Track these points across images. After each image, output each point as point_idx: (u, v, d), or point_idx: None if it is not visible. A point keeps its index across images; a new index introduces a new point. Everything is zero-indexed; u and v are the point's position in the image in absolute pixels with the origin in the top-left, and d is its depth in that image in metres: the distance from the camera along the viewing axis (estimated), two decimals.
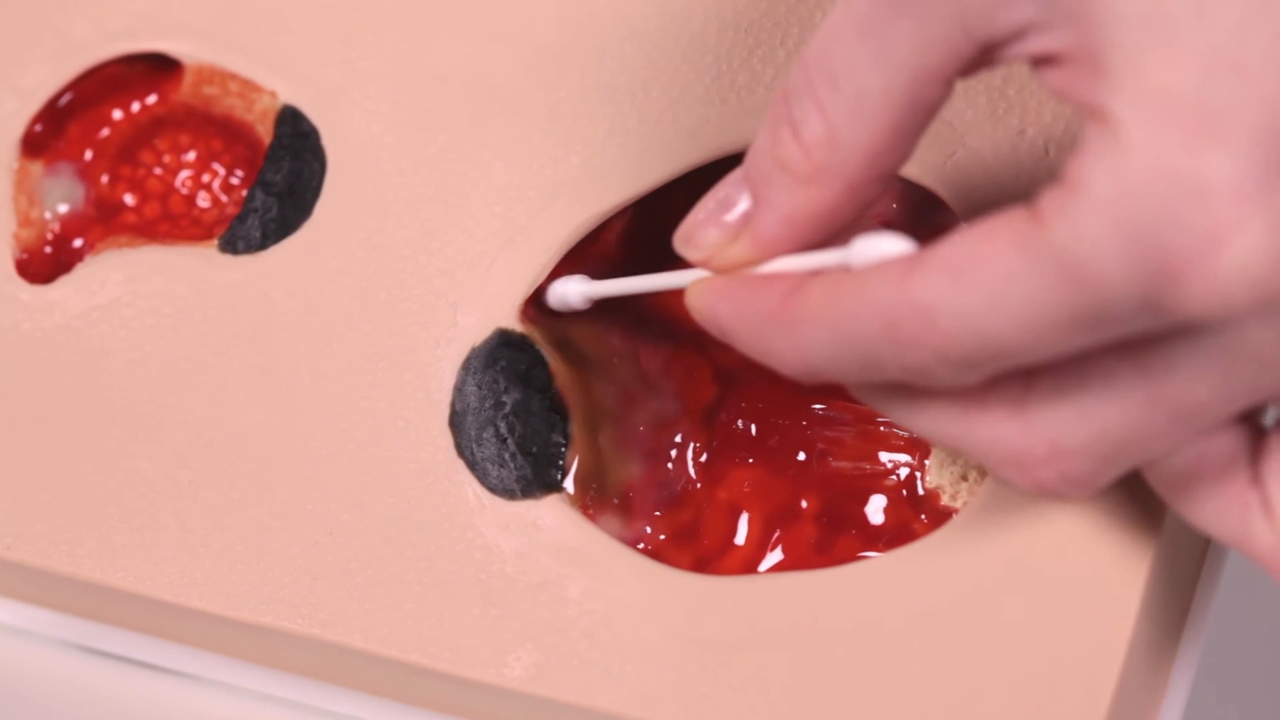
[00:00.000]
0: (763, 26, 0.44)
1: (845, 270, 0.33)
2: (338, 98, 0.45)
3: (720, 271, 0.36)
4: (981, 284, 0.31)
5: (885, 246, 0.33)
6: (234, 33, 0.46)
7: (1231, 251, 0.29)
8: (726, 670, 0.40)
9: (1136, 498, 0.39)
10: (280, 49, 0.46)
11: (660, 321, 0.44)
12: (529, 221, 0.43)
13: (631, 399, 0.44)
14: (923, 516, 0.42)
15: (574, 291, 0.42)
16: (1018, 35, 0.32)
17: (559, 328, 0.44)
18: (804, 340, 0.34)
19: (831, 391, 0.43)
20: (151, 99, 0.47)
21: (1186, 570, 0.41)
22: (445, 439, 0.42)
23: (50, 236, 0.46)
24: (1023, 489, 0.34)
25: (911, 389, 0.34)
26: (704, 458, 0.43)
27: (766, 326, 0.35)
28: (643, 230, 0.44)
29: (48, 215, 0.47)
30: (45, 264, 0.46)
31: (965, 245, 0.31)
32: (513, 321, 0.43)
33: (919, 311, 0.32)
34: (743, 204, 0.36)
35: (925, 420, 0.34)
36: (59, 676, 0.45)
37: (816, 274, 0.34)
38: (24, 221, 0.46)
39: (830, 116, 0.33)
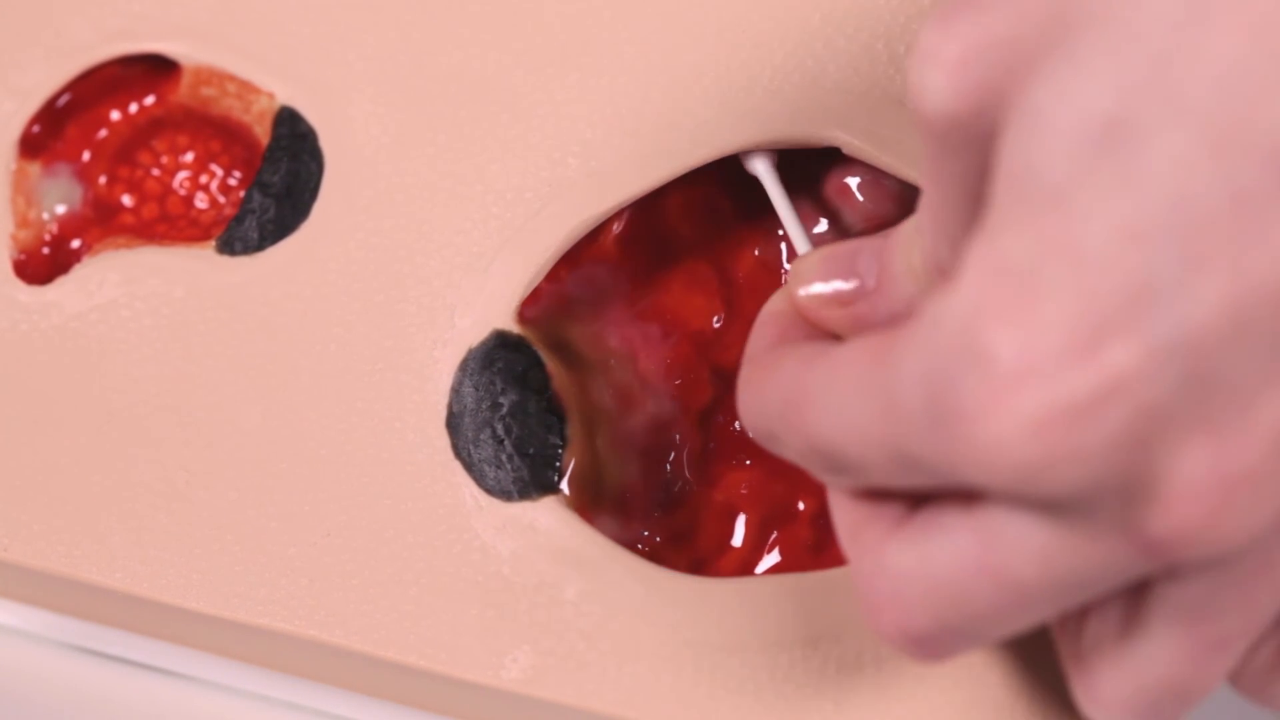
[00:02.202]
0: (761, 28, 0.44)
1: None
2: (336, 99, 0.45)
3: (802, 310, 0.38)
4: (838, 391, 0.32)
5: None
6: (232, 34, 0.46)
7: (997, 421, 0.29)
8: (723, 672, 0.40)
9: None
10: (278, 50, 0.46)
11: (658, 323, 0.44)
12: (526, 223, 0.43)
13: (629, 400, 0.44)
14: None
15: (760, 166, 0.43)
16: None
17: (556, 329, 0.44)
18: (746, 389, 0.36)
19: None
20: (149, 100, 0.47)
21: None
22: (442, 440, 0.42)
23: (48, 237, 0.46)
24: (872, 632, 0.34)
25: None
26: (701, 459, 0.43)
27: (760, 347, 0.37)
28: (641, 232, 0.44)
29: (45, 216, 0.47)
30: (43, 265, 0.46)
31: (848, 349, 0.32)
32: (510, 323, 0.43)
33: (801, 400, 0.33)
34: (870, 279, 0.37)
35: (832, 503, 0.35)
36: (56, 677, 0.45)
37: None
38: (22, 222, 0.46)
39: (940, 228, 0.34)
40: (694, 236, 0.45)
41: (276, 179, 0.45)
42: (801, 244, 0.40)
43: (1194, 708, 0.33)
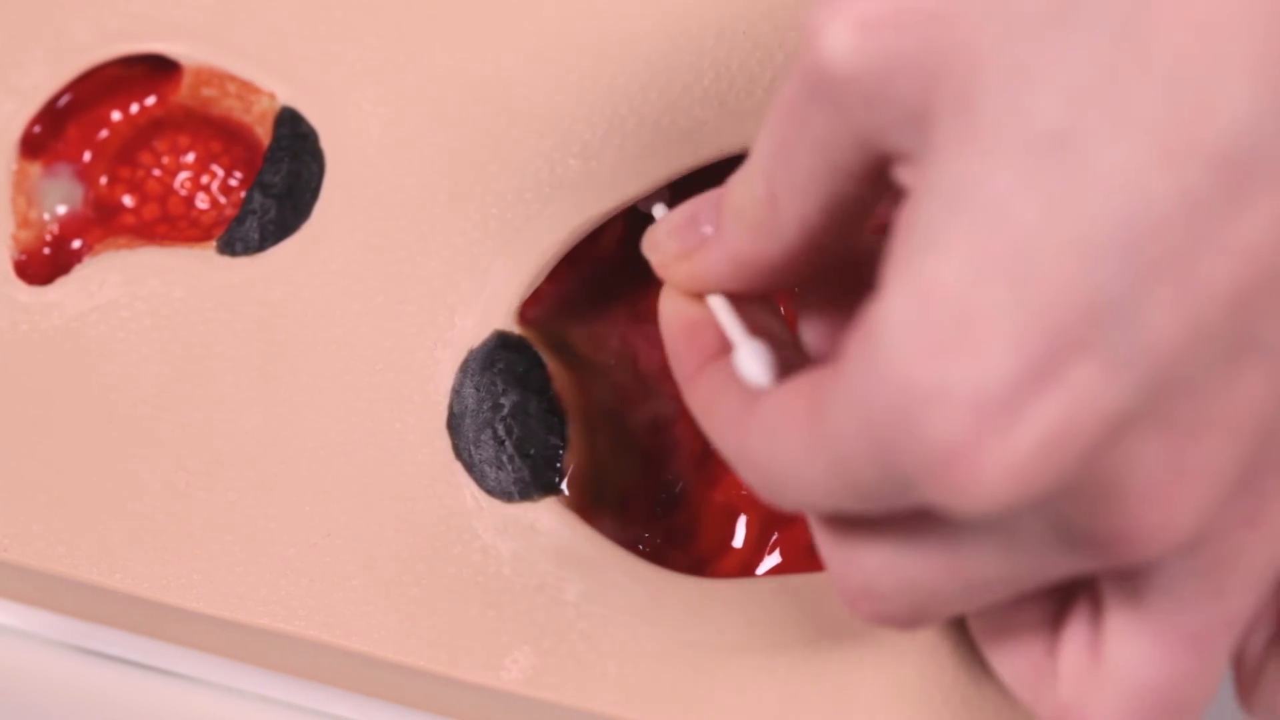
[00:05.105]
0: (761, 29, 0.44)
1: (730, 369, 0.35)
2: (336, 99, 0.45)
3: (669, 282, 0.37)
4: (780, 456, 0.31)
5: (745, 370, 0.34)
6: (233, 34, 0.46)
7: (971, 467, 0.28)
8: (724, 673, 0.40)
9: None
10: (279, 51, 0.46)
11: (658, 323, 0.44)
12: (526, 224, 0.43)
13: (629, 401, 0.44)
14: None
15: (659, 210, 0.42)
16: (899, 160, 0.31)
17: (557, 330, 0.44)
18: (694, 407, 0.36)
19: None
20: (150, 100, 0.47)
21: None
22: (443, 441, 0.42)
23: (49, 238, 0.46)
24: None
25: None
26: (701, 460, 0.43)
27: (684, 378, 0.36)
28: (641, 233, 0.44)
29: (46, 216, 0.47)
30: (44, 265, 0.46)
31: (777, 408, 0.32)
32: (511, 324, 0.43)
33: (745, 462, 0.33)
34: (708, 227, 0.36)
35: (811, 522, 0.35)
36: (57, 678, 0.45)
37: (715, 359, 0.35)
38: (22, 223, 0.46)
39: (774, 179, 0.33)
40: None
41: (277, 179, 0.45)
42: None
43: (1199, 715, 0.32)
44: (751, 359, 0.34)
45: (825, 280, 0.36)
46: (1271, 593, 0.34)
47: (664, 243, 0.37)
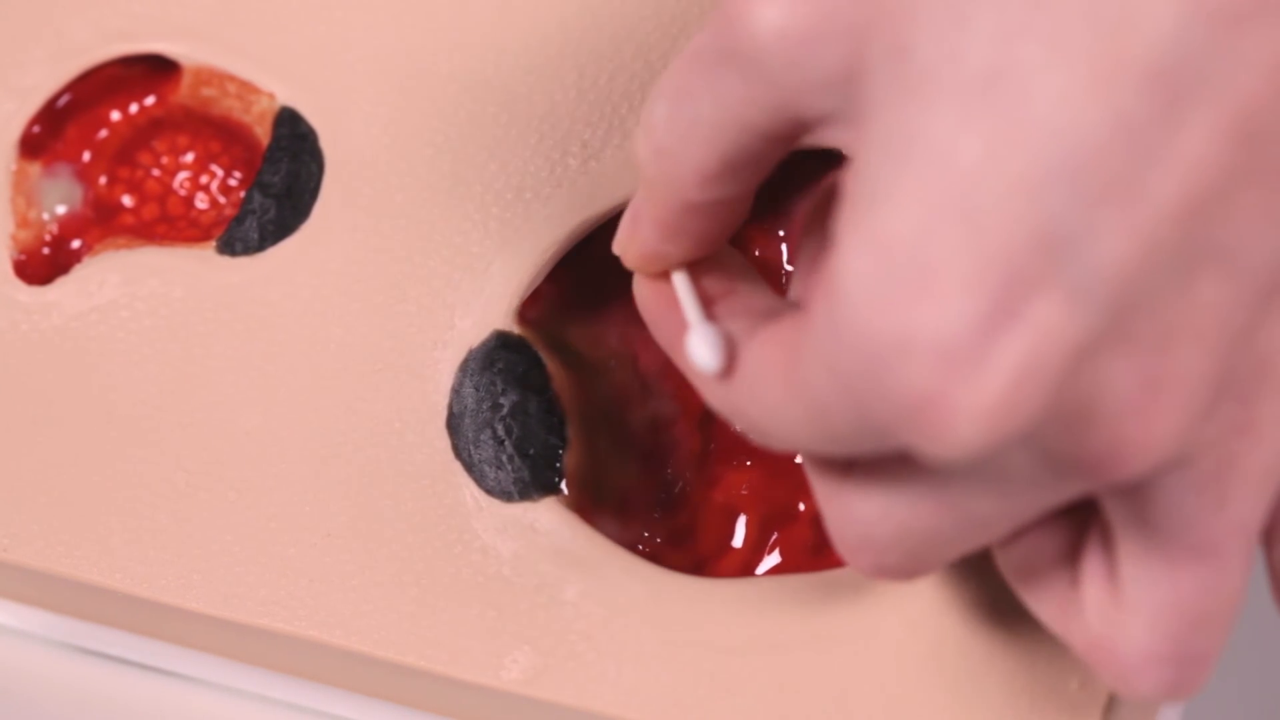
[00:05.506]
0: None
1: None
2: (336, 99, 0.45)
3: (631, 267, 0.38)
4: (765, 405, 0.32)
5: (694, 356, 0.34)
6: (232, 34, 0.46)
7: (944, 413, 0.28)
8: (724, 673, 0.40)
9: None
10: (278, 51, 0.46)
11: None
12: (526, 223, 0.43)
13: (629, 401, 0.44)
14: None
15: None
16: (825, 122, 0.32)
17: (556, 330, 0.44)
18: (681, 368, 0.36)
19: None
20: (150, 100, 0.47)
21: None
22: (442, 441, 0.42)
23: (48, 238, 0.46)
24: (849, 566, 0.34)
25: None
26: (701, 460, 0.43)
27: (667, 345, 0.37)
28: None
29: (45, 216, 0.47)
30: (43, 265, 0.46)
31: (757, 360, 0.32)
32: (510, 323, 0.43)
33: (733, 402, 0.33)
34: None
35: (805, 463, 0.35)
36: (56, 678, 0.45)
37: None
38: (22, 223, 0.46)
39: (669, 129, 0.34)
40: None
41: (277, 179, 0.45)
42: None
43: (1228, 625, 0.32)
44: (701, 345, 0.34)
45: (810, 233, 0.37)
46: None
47: (619, 233, 0.37)
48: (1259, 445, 0.31)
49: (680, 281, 0.37)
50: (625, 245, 0.37)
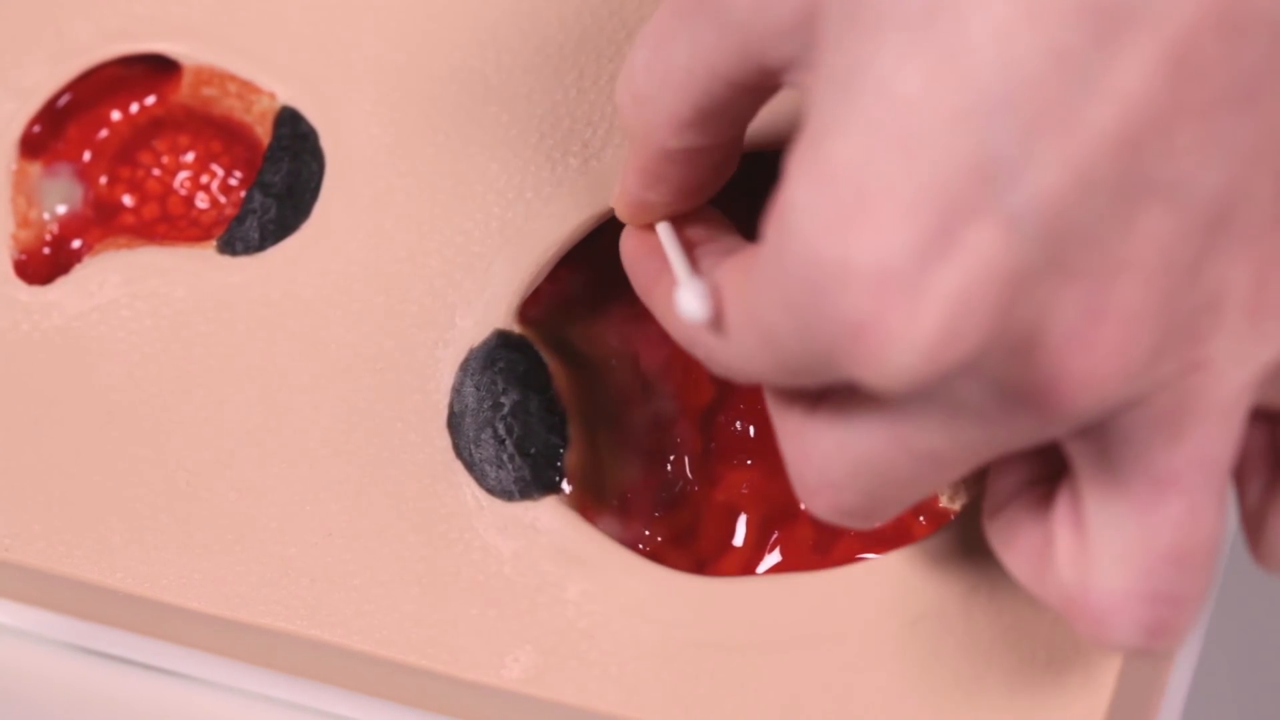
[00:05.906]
0: None
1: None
2: (336, 99, 0.45)
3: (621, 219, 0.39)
4: (721, 329, 0.33)
5: (684, 307, 0.34)
6: (233, 34, 0.46)
7: (879, 339, 0.29)
8: (725, 672, 0.40)
9: None
10: (279, 50, 0.46)
11: (658, 323, 0.44)
12: (527, 223, 0.43)
13: (630, 400, 0.44)
14: (921, 518, 0.42)
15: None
16: (787, 68, 0.33)
17: (557, 329, 0.44)
18: (654, 311, 0.37)
19: None
20: (150, 100, 0.47)
21: None
22: (443, 440, 0.42)
23: (49, 237, 0.46)
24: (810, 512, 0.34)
25: None
26: (702, 459, 0.43)
27: (642, 290, 0.38)
28: None
29: (46, 216, 0.47)
30: (43, 265, 0.46)
31: (716, 290, 0.33)
32: (511, 323, 0.43)
33: (694, 335, 0.34)
34: None
35: (769, 400, 0.35)
36: (57, 678, 0.45)
37: (667, 271, 0.37)
38: (22, 222, 0.46)
39: (648, 76, 0.35)
40: None
41: (277, 179, 0.45)
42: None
43: (1207, 566, 0.32)
44: (690, 297, 0.34)
45: None
46: (1245, 431, 0.34)
47: (614, 187, 0.38)
48: (1216, 381, 0.31)
49: (664, 232, 0.37)
50: (615, 197, 0.38)
